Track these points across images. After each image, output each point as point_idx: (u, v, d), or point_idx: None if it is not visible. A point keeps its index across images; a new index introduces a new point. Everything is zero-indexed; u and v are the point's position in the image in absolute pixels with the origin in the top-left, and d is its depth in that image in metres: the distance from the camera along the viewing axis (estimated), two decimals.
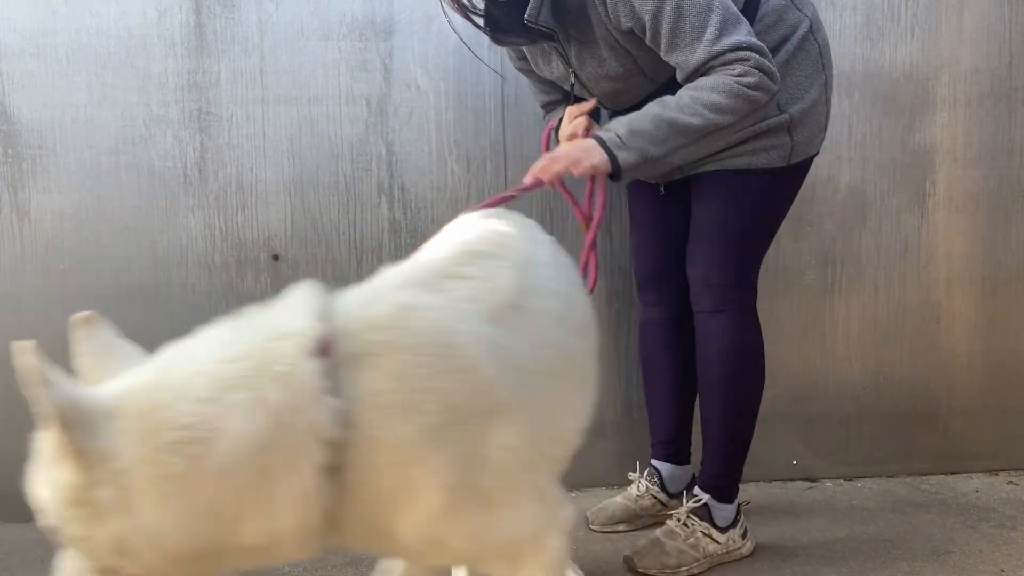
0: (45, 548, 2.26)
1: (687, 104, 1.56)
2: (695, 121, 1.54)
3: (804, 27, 1.80)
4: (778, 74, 1.60)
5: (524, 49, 1.91)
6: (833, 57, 1.89)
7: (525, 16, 1.65)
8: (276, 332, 0.96)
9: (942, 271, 2.46)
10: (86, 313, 1.15)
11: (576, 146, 1.62)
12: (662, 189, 1.99)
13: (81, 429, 0.94)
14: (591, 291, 1.86)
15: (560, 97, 1.99)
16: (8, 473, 2.39)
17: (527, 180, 1.63)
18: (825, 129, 1.89)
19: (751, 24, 1.68)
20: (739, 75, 1.56)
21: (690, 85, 1.59)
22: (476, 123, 2.34)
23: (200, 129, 2.29)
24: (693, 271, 1.90)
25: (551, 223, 2.35)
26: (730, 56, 1.56)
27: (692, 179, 1.89)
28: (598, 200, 1.71)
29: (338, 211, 2.32)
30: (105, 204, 2.28)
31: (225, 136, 2.29)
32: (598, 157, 1.55)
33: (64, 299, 2.29)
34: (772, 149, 1.79)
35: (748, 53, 1.56)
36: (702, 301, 1.89)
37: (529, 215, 2.37)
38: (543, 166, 1.61)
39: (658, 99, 1.62)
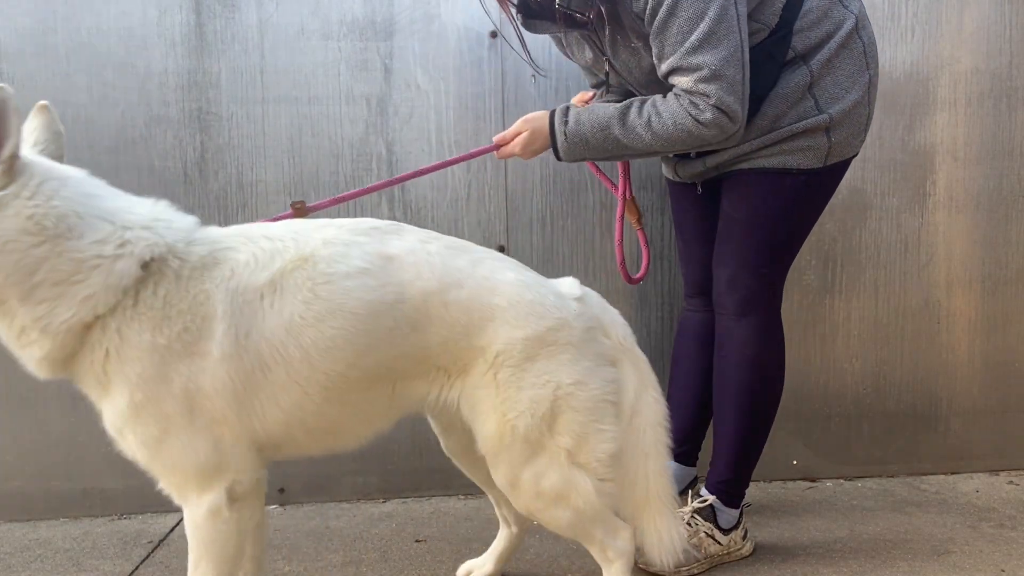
0: (45, 548, 2.27)
1: (639, 128, 1.65)
2: (637, 144, 1.68)
3: (849, 24, 1.75)
4: (741, 115, 1.61)
5: (561, 38, 1.90)
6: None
7: (557, 1, 1.65)
8: None
9: (942, 271, 2.46)
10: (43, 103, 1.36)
11: (533, 130, 1.78)
12: (699, 188, 1.97)
13: None
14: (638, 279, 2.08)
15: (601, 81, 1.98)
16: (8, 473, 2.41)
17: (494, 141, 1.87)
18: (866, 130, 1.84)
19: (794, 20, 1.69)
20: (698, 111, 1.60)
21: (656, 108, 1.64)
22: (476, 123, 2.34)
23: (200, 129, 2.29)
24: (720, 272, 1.87)
25: (551, 224, 2.36)
26: (695, 77, 1.58)
27: (724, 177, 1.87)
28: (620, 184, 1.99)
29: (338, 211, 2.31)
30: None
31: (225, 136, 2.29)
32: (541, 144, 1.79)
33: None
34: (808, 150, 1.76)
35: (711, 87, 1.57)
36: (727, 303, 1.87)
37: (530, 214, 2.39)
38: (509, 143, 1.83)
39: (625, 106, 1.67)
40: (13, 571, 2.00)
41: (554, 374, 1.43)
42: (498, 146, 1.85)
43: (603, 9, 1.66)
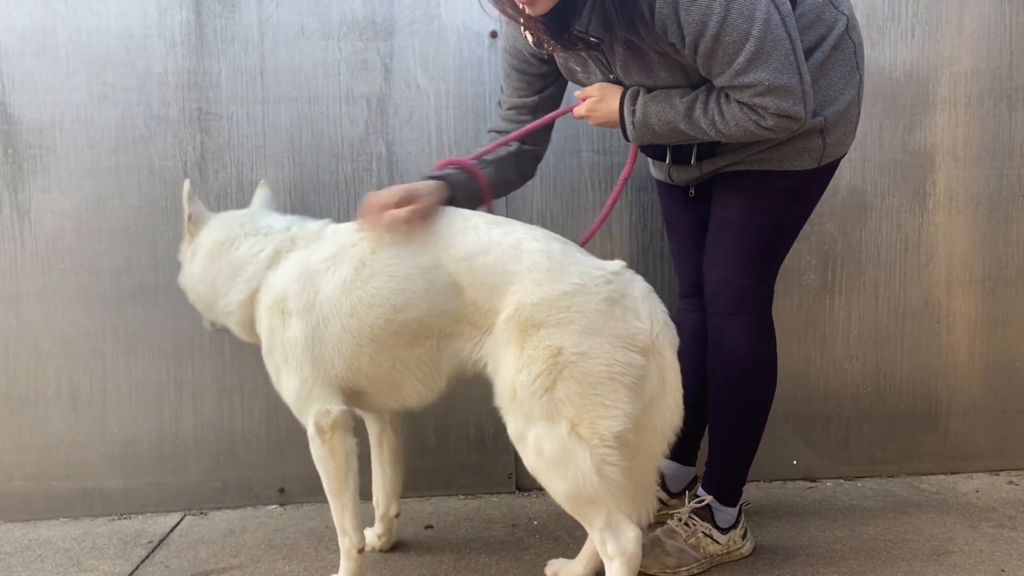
0: (45, 548, 2.27)
1: (703, 125, 1.65)
2: (702, 136, 1.70)
3: (841, 26, 1.75)
4: (803, 113, 1.60)
5: (556, 56, 1.85)
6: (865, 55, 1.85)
7: (576, 27, 1.63)
8: None
9: (942, 271, 2.46)
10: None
11: (603, 97, 1.78)
12: (692, 191, 1.97)
13: None
14: None
15: (536, 101, 1.92)
16: (8, 473, 2.41)
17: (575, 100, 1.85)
18: (856, 130, 1.85)
19: (797, 30, 1.66)
20: (758, 119, 1.60)
21: (719, 108, 1.62)
22: (476, 123, 2.33)
23: (200, 129, 2.29)
24: (712, 271, 1.88)
25: (551, 225, 2.35)
26: (749, 93, 1.57)
27: (717, 178, 1.87)
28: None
29: (338, 211, 2.32)
30: (105, 204, 2.28)
31: (225, 136, 2.29)
32: (606, 117, 1.79)
33: (64, 299, 2.30)
34: (804, 152, 1.76)
35: (767, 100, 1.56)
36: (719, 303, 1.87)
37: (530, 214, 2.39)
38: (587, 106, 1.81)
39: (690, 102, 1.66)
40: (13, 571, 2.00)
41: (557, 339, 1.49)
42: (574, 106, 1.85)
43: (623, 37, 1.64)
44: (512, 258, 1.55)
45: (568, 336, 1.49)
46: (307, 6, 2.28)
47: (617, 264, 1.58)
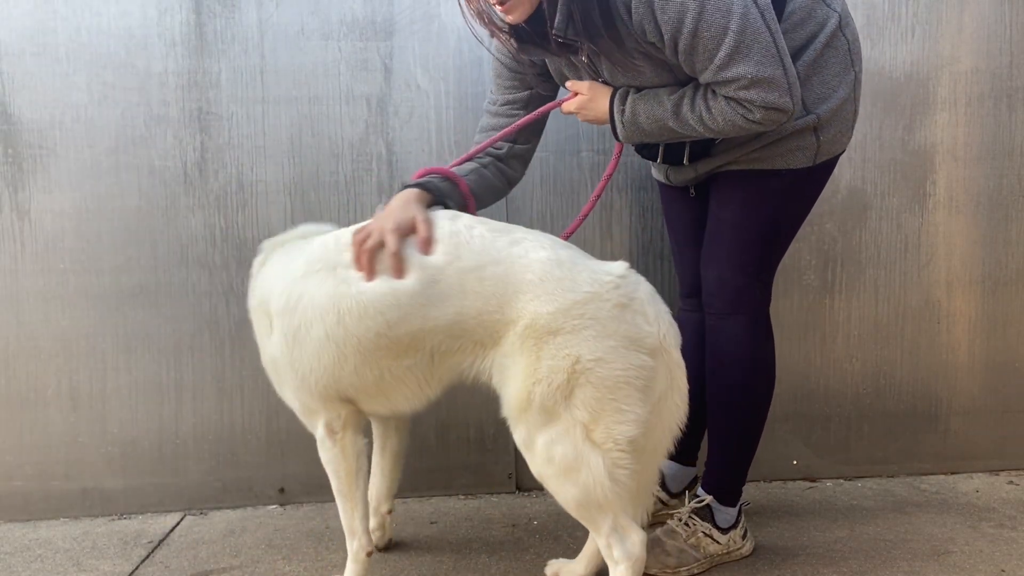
0: (45, 548, 2.27)
1: (692, 122, 1.65)
2: (692, 133, 1.69)
3: (833, 23, 1.74)
4: (790, 105, 1.59)
5: (546, 60, 1.86)
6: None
7: (553, 30, 1.63)
8: None
9: (942, 271, 2.46)
10: None
11: (593, 97, 1.77)
12: (692, 191, 1.97)
13: None
14: None
15: (525, 97, 1.92)
16: (8, 473, 2.41)
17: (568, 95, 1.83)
18: (853, 127, 1.84)
19: (777, 22, 1.66)
20: (745, 112, 1.60)
21: (707, 104, 1.62)
22: (476, 123, 2.31)
23: (200, 129, 2.29)
24: (709, 271, 1.88)
25: (551, 225, 2.36)
26: (734, 88, 1.57)
27: (713, 178, 1.88)
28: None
29: (338, 211, 2.32)
30: (105, 204, 2.28)
31: (225, 136, 2.29)
32: (595, 116, 1.79)
33: (64, 299, 2.30)
34: (798, 151, 1.76)
35: (751, 93, 1.56)
36: (717, 303, 1.87)
37: (530, 214, 2.39)
38: (577, 103, 1.80)
39: (678, 99, 1.66)
40: (13, 571, 2.00)
41: (575, 347, 1.48)
42: (566, 99, 1.83)
43: (600, 44, 1.64)
44: (522, 268, 1.52)
45: (584, 343, 1.48)
46: (307, 6, 2.28)
47: (621, 266, 1.58)
